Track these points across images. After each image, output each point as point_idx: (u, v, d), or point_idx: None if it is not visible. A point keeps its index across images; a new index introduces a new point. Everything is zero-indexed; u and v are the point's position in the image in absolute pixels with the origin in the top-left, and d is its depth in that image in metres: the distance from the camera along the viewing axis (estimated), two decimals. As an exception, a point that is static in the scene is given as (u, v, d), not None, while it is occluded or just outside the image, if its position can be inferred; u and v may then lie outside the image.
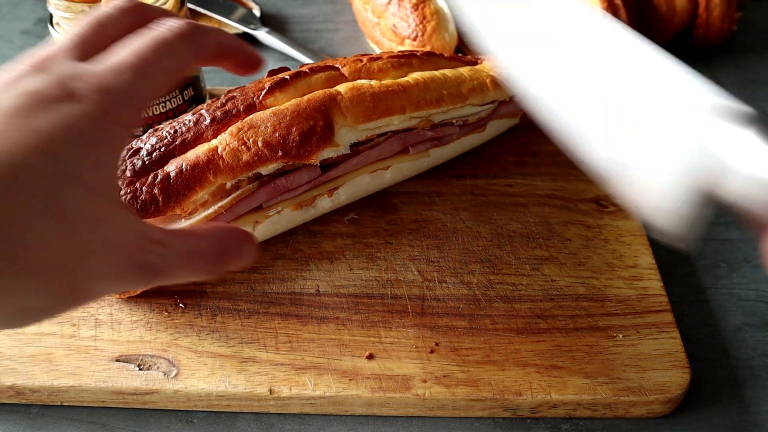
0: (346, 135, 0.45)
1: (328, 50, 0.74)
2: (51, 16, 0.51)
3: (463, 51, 0.70)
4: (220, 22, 0.75)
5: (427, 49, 0.65)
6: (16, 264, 0.27)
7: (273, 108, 0.44)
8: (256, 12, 0.76)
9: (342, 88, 0.46)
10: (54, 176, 0.28)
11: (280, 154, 0.43)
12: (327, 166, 0.47)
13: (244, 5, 0.77)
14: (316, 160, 0.44)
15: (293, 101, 0.45)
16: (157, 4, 0.50)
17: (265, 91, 0.45)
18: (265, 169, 0.44)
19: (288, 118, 0.43)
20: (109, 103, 0.30)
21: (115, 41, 0.33)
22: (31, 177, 0.27)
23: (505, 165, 0.55)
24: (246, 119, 0.43)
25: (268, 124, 0.43)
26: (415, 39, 0.65)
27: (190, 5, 0.72)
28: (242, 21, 0.74)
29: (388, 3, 0.68)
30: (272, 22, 0.78)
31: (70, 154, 0.29)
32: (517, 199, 0.52)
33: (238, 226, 0.42)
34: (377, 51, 0.72)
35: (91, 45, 0.33)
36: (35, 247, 0.27)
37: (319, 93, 0.45)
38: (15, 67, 0.31)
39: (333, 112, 0.44)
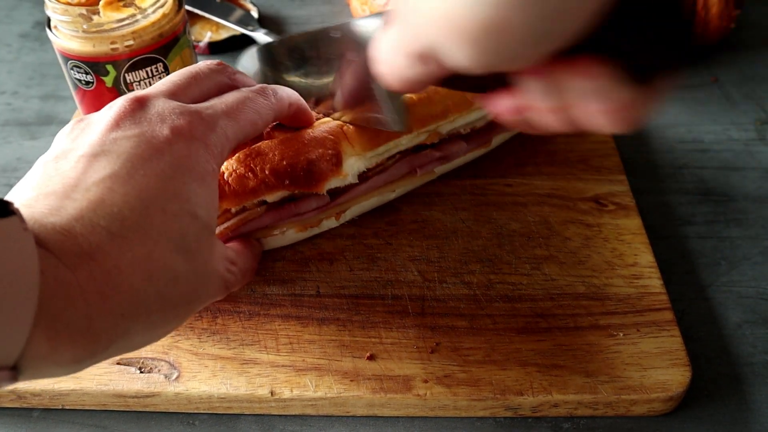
0: (354, 164, 0.45)
1: (326, 51, 0.74)
2: (48, 20, 0.51)
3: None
4: (218, 24, 0.75)
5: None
6: (162, 300, 0.30)
7: (281, 137, 0.44)
8: (254, 13, 0.76)
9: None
10: (178, 216, 0.31)
11: (287, 182, 0.42)
12: (335, 192, 0.46)
13: (241, 7, 0.77)
14: (323, 189, 0.44)
15: (301, 131, 0.44)
16: (155, 6, 0.50)
17: (275, 124, 0.45)
18: (271, 197, 0.43)
19: (296, 147, 0.43)
20: (208, 139, 0.34)
21: (203, 95, 0.37)
22: (162, 219, 0.30)
23: (504, 165, 0.55)
24: (253, 146, 0.43)
25: (276, 152, 0.42)
26: (413, 39, 0.65)
27: (188, 7, 0.72)
28: (240, 22, 0.74)
29: (386, 3, 0.68)
30: (270, 23, 0.78)
31: (188, 192, 0.32)
32: (516, 198, 0.52)
33: (253, 241, 0.44)
34: (375, 51, 0.72)
35: (183, 92, 0.36)
36: (173, 284, 0.30)
37: (326, 123, 0.45)
38: (114, 103, 0.34)
39: (340, 142, 0.44)
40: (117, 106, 0.33)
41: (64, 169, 0.30)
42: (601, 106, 0.24)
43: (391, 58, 0.28)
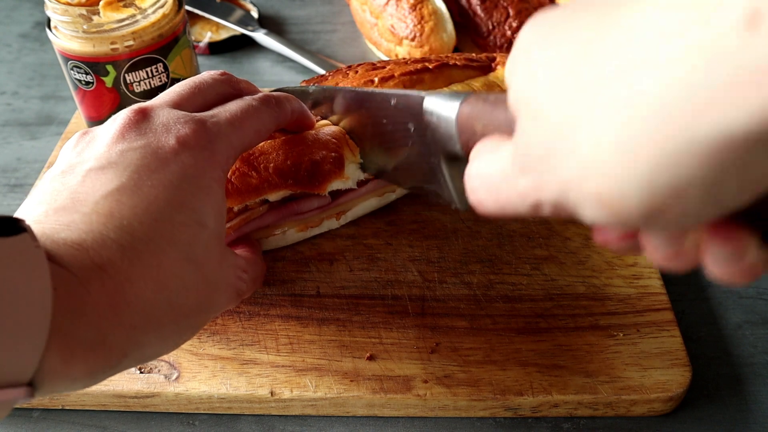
0: (355, 171, 0.45)
1: (326, 51, 0.74)
2: (48, 20, 0.51)
3: (462, 50, 0.69)
4: (218, 24, 0.75)
5: (426, 49, 0.65)
6: (174, 310, 0.30)
7: (283, 137, 0.44)
8: (254, 14, 0.76)
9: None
10: (187, 225, 0.31)
11: (290, 182, 0.42)
12: (336, 192, 0.46)
13: (241, 7, 0.77)
14: (325, 191, 0.44)
15: (304, 132, 0.45)
16: (155, 6, 0.50)
17: None
18: (274, 196, 0.43)
19: (300, 148, 0.43)
20: (213, 148, 0.34)
21: (207, 104, 0.37)
22: (171, 229, 0.30)
23: (504, 165, 0.54)
24: (257, 145, 0.43)
25: (280, 152, 0.43)
26: (413, 39, 0.65)
27: (188, 7, 0.72)
28: (240, 23, 0.74)
29: (386, 3, 0.68)
30: (270, 23, 0.78)
31: (195, 202, 0.32)
32: (516, 198, 0.51)
33: (258, 243, 0.44)
34: (375, 52, 0.72)
35: (187, 101, 0.36)
36: (184, 293, 0.30)
37: (328, 127, 0.45)
38: (117, 115, 0.34)
39: (342, 147, 0.44)
40: (121, 117, 0.33)
41: (72, 183, 0.30)
42: (730, 268, 0.22)
43: (501, 190, 0.25)
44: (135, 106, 0.34)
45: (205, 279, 0.32)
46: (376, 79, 0.48)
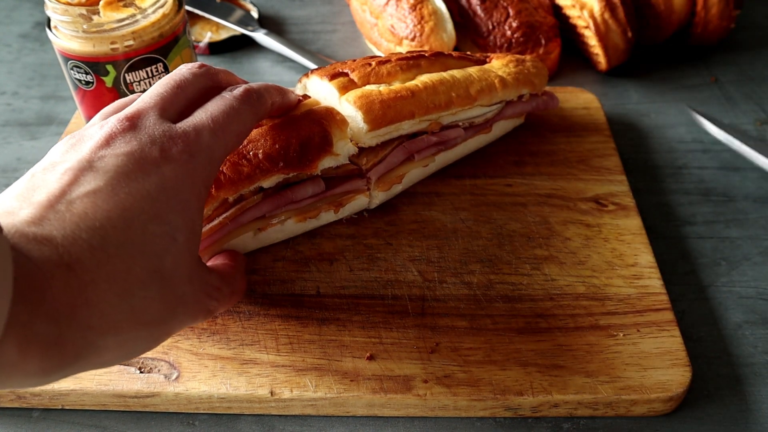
0: (345, 146, 0.45)
1: (326, 51, 0.74)
2: (48, 20, 0.51)
3: (461, 50, 0.69)
4: (218, 24, 0.75)
5: (426, 50, 0.65)
6: (134, 317, 0.30)
7: (270, 123, 0.44)
8: (254, 14, 0.76)
9: (351, 96, 0.46)
10: (159, 237, 0.31)
11: (281, 164, 0.43)
12: (332, 181, 0.47)
13: (241, 7, 0.77)
14: (317, 169, 0.44)
15: (289, 115, 0.45)
16: (155, 6, 0.50)
17: None
18: (267, 182, 0.43)
19: (287, 131, 0.43)
20: (196, 164, 0.34)
21: (189, 103, 0.37)
22: (142, 238, 0.30)
23: (504, 165, 0.55)
24: None
25: (267, 137, 0.43)
26: (413, 39, 0.65)
27: (188, 7, 0.72)
28: (240, 23, 0.74)
29: (386, 3, 0.68)
30: (270, 23, 0.78)
31: (170, 215, 0.32)
32: (516, 198, 0.52)
33: (242, 256, 0.43)
34: (375, 52, 0.72)
35: (171, 104, 0.36)
36: (148, 302, 0.30)
37: (313, 106, 0.46)
38: (106, 122, 0.34)
39: (330, 124, 0.44)
40: (109, 125, 0.33)
41: (50, 180, 0.30)
42: None
43: None
44: (121, 114, 0.34)
45: (171, 292, 0.32)
46: (373, 63, 0.49)
